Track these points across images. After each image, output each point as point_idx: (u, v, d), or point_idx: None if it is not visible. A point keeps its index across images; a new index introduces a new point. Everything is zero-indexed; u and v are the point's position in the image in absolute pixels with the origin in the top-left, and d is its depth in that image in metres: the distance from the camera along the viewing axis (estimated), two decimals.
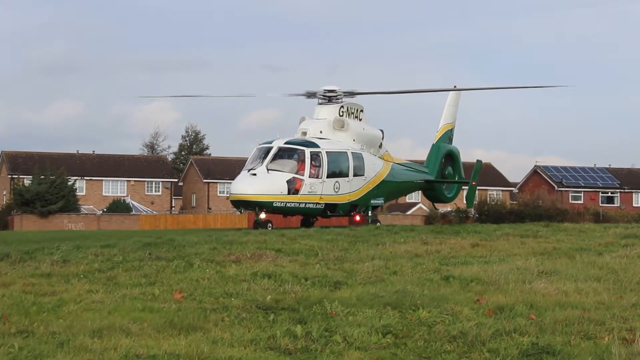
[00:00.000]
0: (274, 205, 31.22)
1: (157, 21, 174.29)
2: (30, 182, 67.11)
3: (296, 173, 31.63)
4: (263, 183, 30.96)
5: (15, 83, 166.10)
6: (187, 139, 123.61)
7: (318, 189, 32.04)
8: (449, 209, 57.39)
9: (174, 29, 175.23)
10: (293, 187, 31.44)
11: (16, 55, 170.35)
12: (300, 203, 31.76)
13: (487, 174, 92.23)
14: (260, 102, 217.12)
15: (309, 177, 31.79)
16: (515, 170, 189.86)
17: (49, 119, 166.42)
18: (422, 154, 41.31)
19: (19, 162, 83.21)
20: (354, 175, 33.50)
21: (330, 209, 33.04)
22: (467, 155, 44.50)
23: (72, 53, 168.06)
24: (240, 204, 32.44)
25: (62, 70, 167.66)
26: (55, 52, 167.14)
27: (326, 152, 32.44)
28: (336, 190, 32.80)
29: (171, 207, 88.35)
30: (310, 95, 34.70)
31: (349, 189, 33.31)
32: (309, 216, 33.84)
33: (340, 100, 34.44)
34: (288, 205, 31.58)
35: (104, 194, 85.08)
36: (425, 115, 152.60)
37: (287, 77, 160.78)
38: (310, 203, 32.02)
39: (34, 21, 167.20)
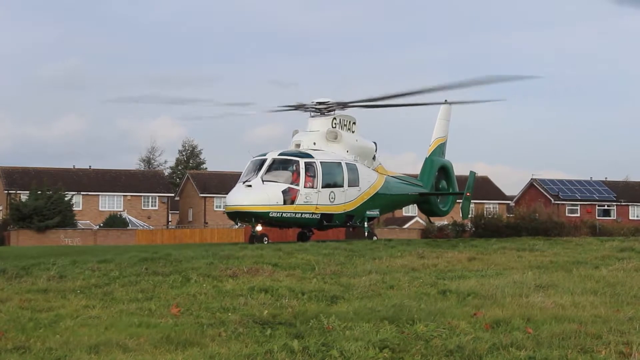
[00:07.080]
0: (270, 215, 31.16)
1: (165, 37, 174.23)
2: (27, 197, 67.06)
3: (291, 183, 31.62)
4: (258, 194, 30.93)
5: (22, 100, 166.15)
6: (184, 153, 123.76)
7: (314, 199, 32.02)
8: (445, 223, 57.43)
9: (181, 45, 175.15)
10: (289, 197, 31.41)
11: (23, 72, 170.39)
12: (296, 213, 31.72)
13: (484, 187, 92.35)
14: (264, 118, 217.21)
15: (304, 187, 31.79)
16: (513, 184, 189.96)
17: (53, 134, 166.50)
18: None
19: (15, 177, 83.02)
20: (348, 186, 33.54)
21: (327, 219, 33.02)
22: (469, 168, 44.40)
23: (79, 70, 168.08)
24: (237, 216, 32.40)
25: (67, 86, 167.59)
26: (63, 68, 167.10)
27: (320, 162, 32.47)
28: (332, 200, 32.79)
29: (168, 221, 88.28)
30: (300, 107, 34.75)
31: (344, 199, 33.32)
32: (305, 227, 33.82)
33: (332, 113, 34.57)
34: (284, 215, 31.51)
35: (100, 208, 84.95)
36: (429, 130, 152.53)
37: (296, 92, 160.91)
38: (306, 213, 31.98)
39: (40, 38, 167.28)
